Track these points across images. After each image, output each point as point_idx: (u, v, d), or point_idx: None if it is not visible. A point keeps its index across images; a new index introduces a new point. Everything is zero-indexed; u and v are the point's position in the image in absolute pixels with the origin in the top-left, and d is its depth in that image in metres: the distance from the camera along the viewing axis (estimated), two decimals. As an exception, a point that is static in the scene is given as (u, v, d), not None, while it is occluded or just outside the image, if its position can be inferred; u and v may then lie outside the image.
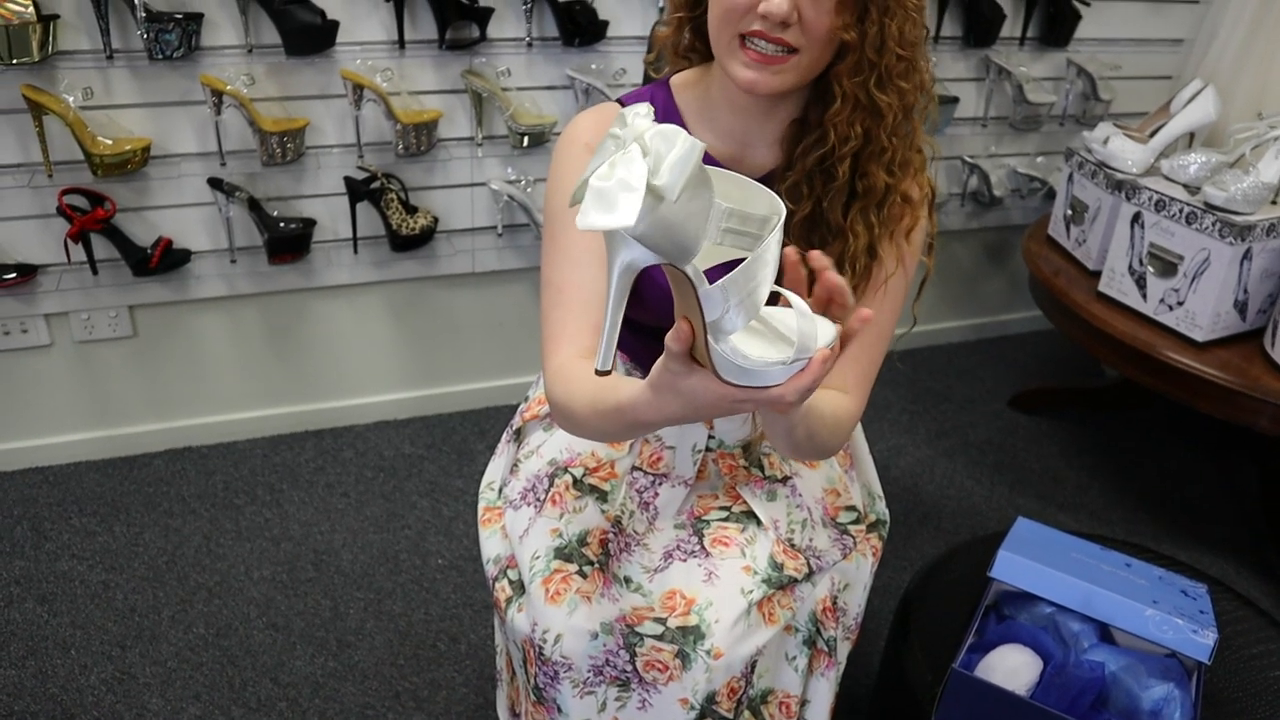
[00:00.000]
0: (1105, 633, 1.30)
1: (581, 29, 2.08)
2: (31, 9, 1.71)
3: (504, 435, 1.41)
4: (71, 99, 1.82)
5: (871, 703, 1.61)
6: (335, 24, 1.93)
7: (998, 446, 2.47)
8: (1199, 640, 1.24)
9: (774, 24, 0.95)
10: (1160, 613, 1.27)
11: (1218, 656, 1.33)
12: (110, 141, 1.87)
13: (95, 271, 1.98)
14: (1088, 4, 2.49)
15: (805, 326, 0.76)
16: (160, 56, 1.82)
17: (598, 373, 0.78)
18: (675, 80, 1.15)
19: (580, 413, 0.98)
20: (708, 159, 1.06)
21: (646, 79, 1.54)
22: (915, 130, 1.05)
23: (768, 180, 1.04)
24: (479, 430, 2.38)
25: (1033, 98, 2.52)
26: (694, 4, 1.11)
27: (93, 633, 1.76)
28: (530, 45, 2.11)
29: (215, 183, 1.98)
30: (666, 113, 1.13)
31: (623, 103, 1.13)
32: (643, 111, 0.68)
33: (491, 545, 1.25)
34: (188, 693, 1.65)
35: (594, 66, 2.13)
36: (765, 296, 0.74)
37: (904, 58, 0.99)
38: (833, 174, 1.03)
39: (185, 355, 2.20)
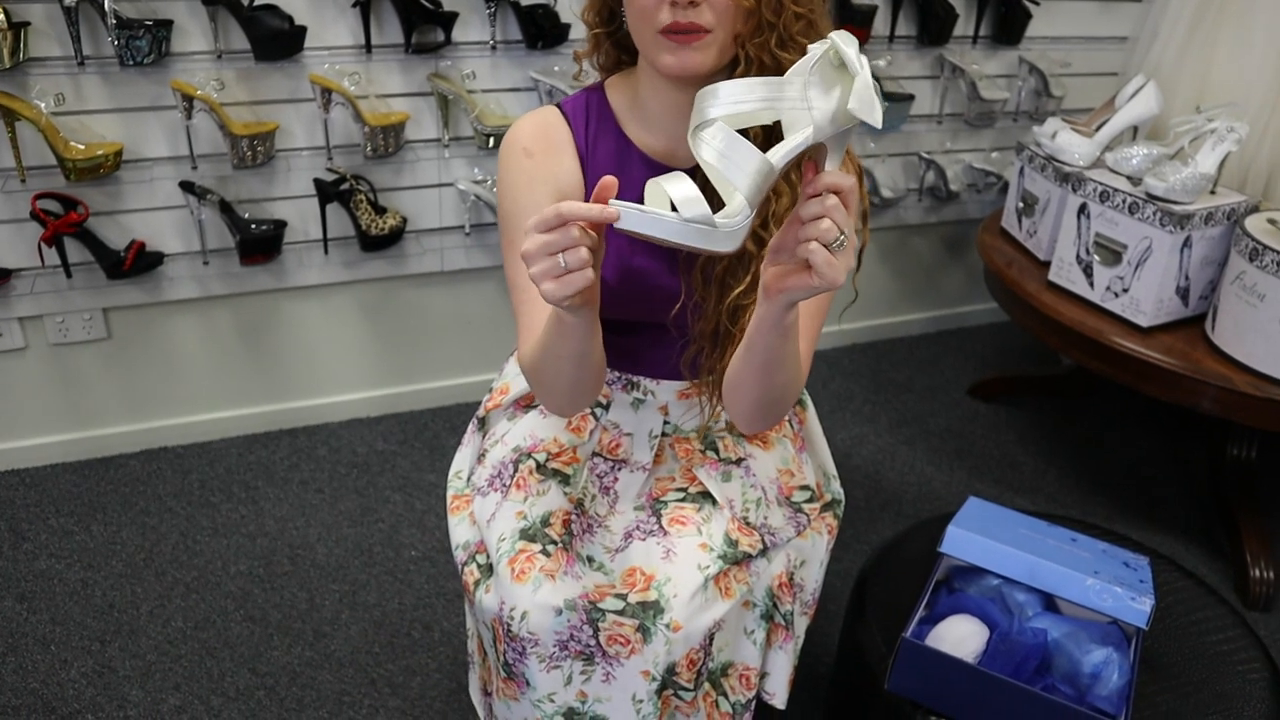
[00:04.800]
0: (1050, 602, 1.36)
1: (544, 32, 2.12)
2: (2, 17, 1.74)
3: (470, 426, 1.45)
4: (43, 105, 1.84)
5: (830, 675, 1.67)
6: (303, 29, 1.96)
7: (957, 434, 2.54)
8: (1137, 607, 1.30)
9: (684, 7, 1.00)
10: (1101, 582, 1.33)
11: (1159, 623, 1.40)
12: (83, 146, 1.89)
13: (69, 275, 2.00)
14: (1038, 3, 2.56)
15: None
16: (131, 62, 1.85)
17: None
18: (608, 83, 1.20)
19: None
20: (655, 165, 1.13)
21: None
22: None
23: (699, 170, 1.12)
24: (450, 426, 2.42)
25: (986, 95, 2.59)
26: (608, 20, 1.16)
27: (72, 629, 1.78)
28: (494, 48, 2.15)
29: (187, 186, 2.00)
30: (601, 113, 1.18)
31: (560, 107, 1.19)
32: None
33: (460, 532, 1.30)
34: (167, 684, 1.68)
35: (556, 68, 2.18)
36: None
37: (802, 15, 1.03)
38: (744, 134, 1.08)
39: (159, 356, 2.22)
